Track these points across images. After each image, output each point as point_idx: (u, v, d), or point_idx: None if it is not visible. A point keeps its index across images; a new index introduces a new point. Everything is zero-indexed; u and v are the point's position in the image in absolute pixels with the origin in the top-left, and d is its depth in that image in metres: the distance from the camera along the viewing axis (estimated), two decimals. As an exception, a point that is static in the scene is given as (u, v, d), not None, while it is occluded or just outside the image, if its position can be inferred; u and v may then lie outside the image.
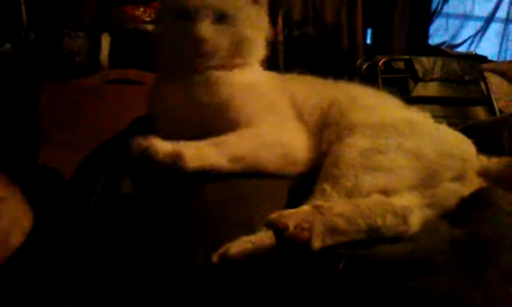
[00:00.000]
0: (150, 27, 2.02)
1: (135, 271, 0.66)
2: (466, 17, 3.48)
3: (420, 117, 0.84)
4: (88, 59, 1.98)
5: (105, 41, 2.00)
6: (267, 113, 0.80)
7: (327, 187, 0.68)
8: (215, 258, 0.60)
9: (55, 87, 1.83)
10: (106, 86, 1.85)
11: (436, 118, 0.89)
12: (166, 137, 0.81)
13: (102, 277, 0.68)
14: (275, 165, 0.76)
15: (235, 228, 0.64)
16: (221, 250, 0.60)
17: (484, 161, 0.81)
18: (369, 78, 2.11)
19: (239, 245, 0.60)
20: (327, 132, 0.81)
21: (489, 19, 3.45)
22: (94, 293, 0.68)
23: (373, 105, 0.84)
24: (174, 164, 0.66)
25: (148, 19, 2.09)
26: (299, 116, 0.83)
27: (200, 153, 0.69)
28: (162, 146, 0.66)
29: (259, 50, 0.85)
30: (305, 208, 0.64)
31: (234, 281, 0.61)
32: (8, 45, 1.95)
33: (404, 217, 0.65)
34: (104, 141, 0.90)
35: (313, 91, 0.87)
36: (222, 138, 0.73)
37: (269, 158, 0.75)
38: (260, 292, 0.61)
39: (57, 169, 0.92)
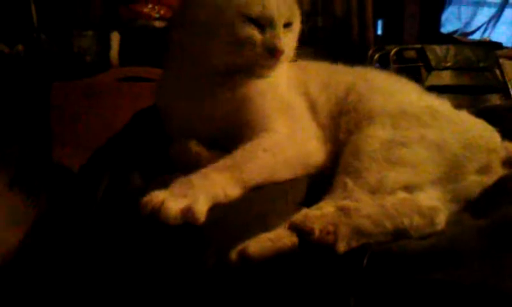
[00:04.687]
0: (158, 24, 2.02)
1: (144, 272, 0.65)
2: (479, 4, 3.41)
3: (440, 104, 0.82)
4: (98, 58, 1.99)
5: (115, 39, 2.01)
6: (284, 115, 0.78)
7: (348, 181, 0.66)
8: (233, 255, 0.58)
9: (67, 86, 1.84)
10: (117, 84, 1.86)
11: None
12: (179, 135, 0.80)
13: (109, 277, 0.67)
14: (295, 174, 0.74)
15: (249, 226, 0.62)
16: (240, 247, 0.58)
17: (510, 148, 0.78)
18: (381, 69, 2.08)
19: (258, 243, 0.58)
20: (344, 119, 0.79)
21: (503, 5, 3.38)
22: (100, 292, 0.67)
23: (392, 91, 0.82)
24: (187, 221, 0.62)
25: (156, 16, 2.09)
26: (312, 108, 0.81)
27: (210, 195, 0.65)
28: (172, 207, 0.62)
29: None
30: (329, 208, 0.63)
31: (251, 279, 0.59)
32: (20, 47, 1.97)
33: (431, 218, 0.63)
34: (106, 141, 0.89)
35: (328, 79, 0.85)
36: (237, 158, 0.70)
37: (290, 174, 0.73)
38: (278, 291, 0.59)
39: (70, 168, 0.92)
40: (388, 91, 0.81)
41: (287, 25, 0.79)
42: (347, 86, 0.82)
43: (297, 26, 0.82)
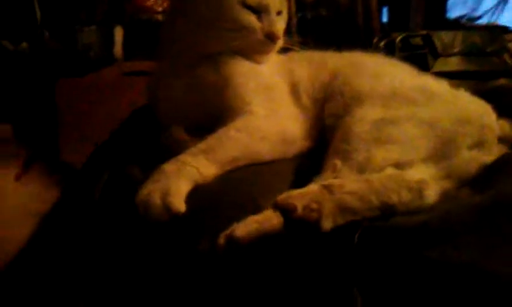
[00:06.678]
0: (161, 18, 2.02)
1: (140, 259, 0.66)
2: (486, -13, 3.36)
3: (434, 83, 0.81)
4: (102, 53, 1.99)
5: (119, 34, 2.01)
6: (264, 96, 0.79)
7: (337, 162, 0.66)
8: (221, 239, 0.58)
9: (72, 82, 1.85)
10: (122, 78, 1.87)
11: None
12: (169, 122, 0.81)
13: (107, 266, 0.68)
14: (275, 153, 0.75)
15: (242, 209, 0.62)
16: (227, 231, 0.59)
17: (506, 126, 0.78)
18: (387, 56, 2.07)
19: (245, 226, 0.59)
20: (330, 104, 0.79)
21: (511, -12, 3.33)
22: (100, 281, 0.68)
23: (381, 72, 0.82)
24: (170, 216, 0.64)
25: (160, 9, 2.09)
26: (295, 94, 0.82)
27: (185, 178, 0.67)
28: (153, 204, 0.64)
29: None
30: (314, 187, 0.63)
31: (241, 263, 0.59)
32: (24, 44, 1.98)
33: (419, 192, 0.62)
34: (106, 139, 0.91)
35: (312, 65, 0.86)
36: (210, 141, 0.71)
37: (268, 149, 0.74)
38: (267, 274, 0.59)
39: (77, 163, 0.93)
40: (377, 72, 0.82)
41: (278, 13, 0.84)
42: (332, 71, 0.83)
43: (285, 14, 0.87)
